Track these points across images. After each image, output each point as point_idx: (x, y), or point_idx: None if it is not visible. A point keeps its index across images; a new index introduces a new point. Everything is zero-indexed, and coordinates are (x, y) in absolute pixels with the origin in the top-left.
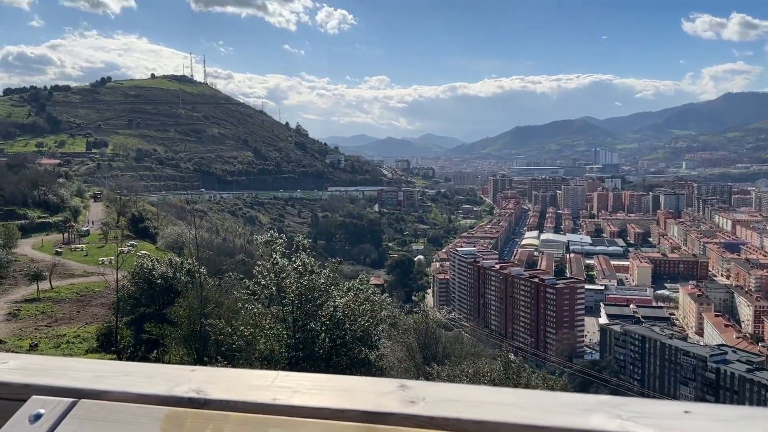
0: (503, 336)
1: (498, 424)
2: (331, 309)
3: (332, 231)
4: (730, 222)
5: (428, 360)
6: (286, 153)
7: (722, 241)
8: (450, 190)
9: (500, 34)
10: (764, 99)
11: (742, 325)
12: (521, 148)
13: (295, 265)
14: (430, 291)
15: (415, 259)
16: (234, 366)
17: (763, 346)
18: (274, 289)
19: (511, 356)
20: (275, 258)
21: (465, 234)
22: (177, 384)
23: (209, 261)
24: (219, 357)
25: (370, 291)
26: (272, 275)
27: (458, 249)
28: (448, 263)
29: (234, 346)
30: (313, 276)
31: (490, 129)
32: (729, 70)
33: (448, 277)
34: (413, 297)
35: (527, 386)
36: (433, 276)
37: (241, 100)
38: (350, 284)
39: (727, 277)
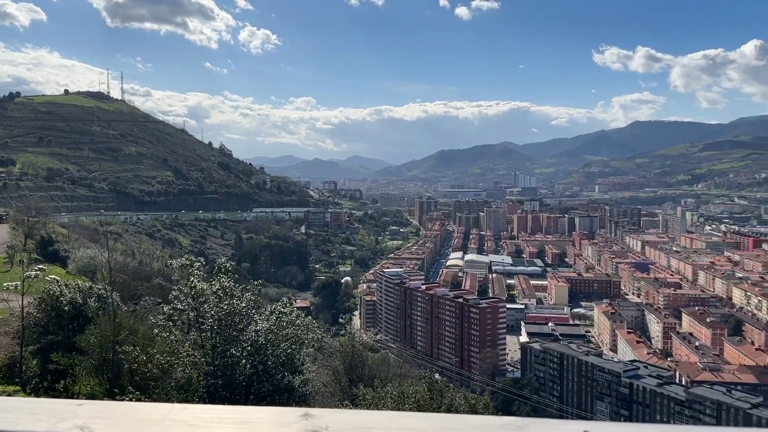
0: (429, 356)
1: None
2: (253, 334)
3: (257, 253)
4: (639, 243)
5: (355, 383)
6: (208, 173)
7: (633, 261)
8: (377, 211)
9: (424, 59)
10: (669, 127)
11: (653, 341)
12: (446, 171)
13: (214, 289)
14: (357, 313)
15: (342, 281)
16: (144, 397)
17: (672, 361)
18: (192, 314)
19: (437, 376)
20: (193, 282)
21: (392, 255)
22: (61, 420)
23: (124, 285)
24: (131, 387)
25: (293, 314)
26: (190, 300)
27: (385, 270)
28: (375, 285)
29: (149, 375)
30: (234, 300)
31: (416, 152)
32: (636, 100)
33: (376, 298)
34: (340, 319)
35: (450, 406)
36: (361, 298)
37: (161, 118)
38: (273, 308)
39: (638, 296)
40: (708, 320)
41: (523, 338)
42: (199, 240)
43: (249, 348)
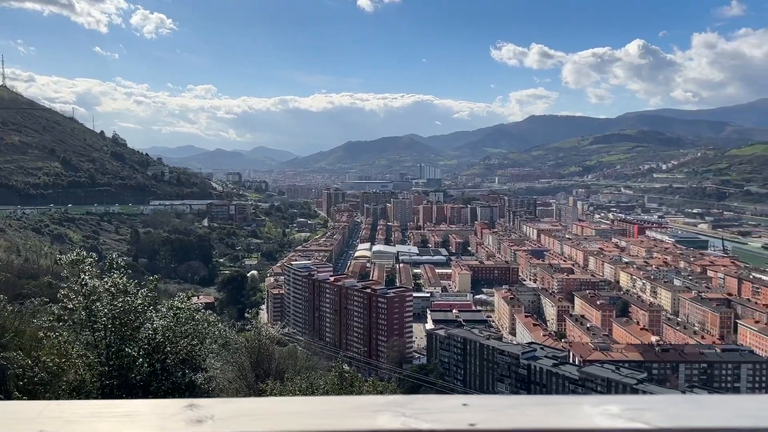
0: (338, 347)
1: None
2: (150, 331)
3: (156, 248)
4: (535, 231)
5: (262, 378)
6: (101, 164)
7: (529, 248)
8: (284, 203)
9: (328, 49)
10: (562, 121)
11: (548, 323)
12: (353, 162)
13: (107, 286)
14: (264, 307)
15: (248, 274)
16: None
17: (566, 342)
18: (83, 313)
19: (346, 366)
20: (84, 279)
21: (300, 248)
22: None
23: (7, 284)
24: (18, 393)
25: (193, 310)
26: (81, 298)
27: (293, 263)
28: (282, 278)
29: (36, 379)
30: (129, 297)
31: (323, 143)
32: (532, 95)
33: (283, 291)
34: (246, 314)
35: (359, 395)
36: (268, 291)
37: (47, 106)
38: (170, 303)
39: (535, 281)
40: (598, 303)
41: (429, 325)
42: (91, 235)
43: (146, 346)
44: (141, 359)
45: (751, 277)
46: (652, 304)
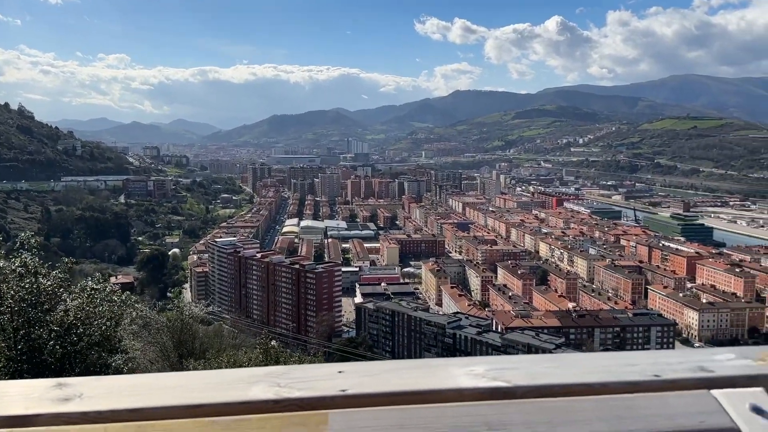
0: (265, 324)
1: (159, 408)
2: (62, 313)
3: (69, 226)
4: (461, 204)
5: (185, 357)
6: (6, 138)
7: (455, 221)
8: (207, 178)
9: (250, 17)
10: (486, 96)
11: (473, 293)
12: (279, 136)
13: (14, 267)
14: (188, 286)
15: (170, 253)
16: None
17: (489, 311)
18: None
19: (273, 343)
20: None
21: (224, 224)
22: None
23: None
24: None
25: (108, 290)
26: None
27: (217, 240)
28: (207, 255)
29: None
30: (39, 278)
31: (246, 117)
32: (456, 70)
33: (208, 269)
34: (169, 293)
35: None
36: (191, 270)
37: None
38: (83, 284)
39: (460, 253)
40: (519, 272)
41: (358, 299)
42: None
43: (57, 329)
44: (52, 342)
45: (660, 245)
46: (569, 273)
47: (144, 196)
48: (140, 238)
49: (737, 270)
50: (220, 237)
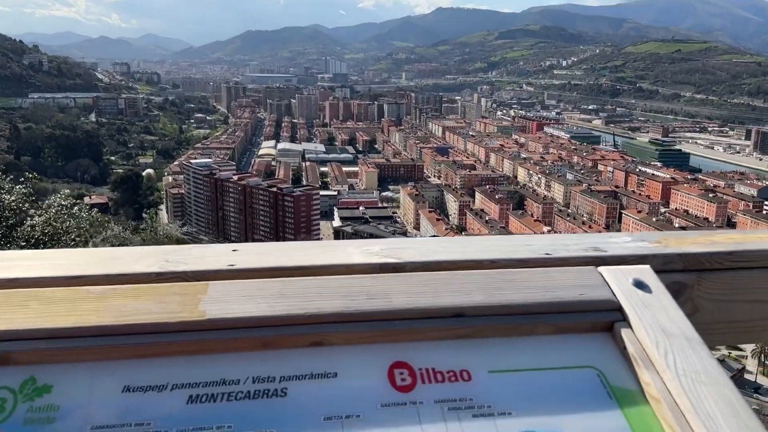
0: None
1: (35, 278)
2: (29, 229)
3: (40, 145)
4: (441, 128)
5: None
6: None
7: (434, 145)
8: (179, 97)
9: None
10: (468, 14)
11: (450, 218)
12: (253, 53)
13: None
14: (163, 207)
15: (144, 173)
16: None
17: (465, 234)
18: None
19: None
20: None
21: (199, 145)
22: None
23: None
24: None
25: (75, 208)
26: None
27: (192, 161)
28: (182, 176)
29: None
30: (3, 194)
31: (219, 32)
32: None
33: (183, 191)
34: (144, 214)
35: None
36: (167, 191)
37: None
38: (51, 200)
39: (439, 178)
40: (496, 197)
41: (336, 223)
42: None
43: (24, 244)
44: None
45: (637, 170)
46: (546, 197)
47: (115, 115)
48: (113, 158)
49: (710, 195)
50: (195, 158)
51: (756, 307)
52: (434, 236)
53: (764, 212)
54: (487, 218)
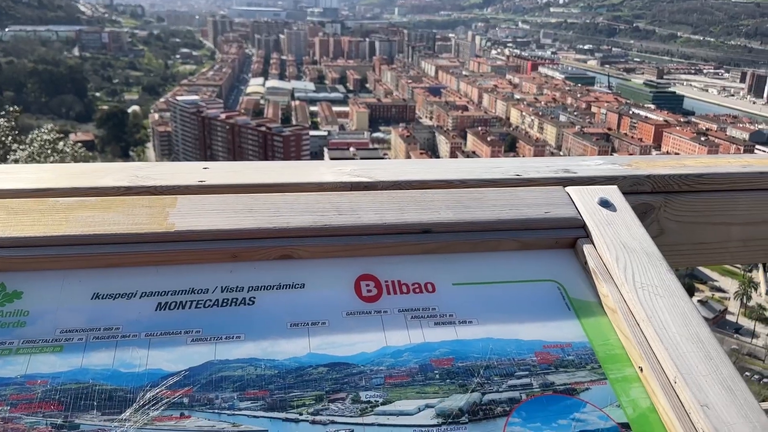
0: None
1: (4, 190)
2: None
3: (22, 80)
4: (434, 67)
5: None
6: None
7: (427, 85)
8: (164, 31)
9: None
10: None
11: None
12: None
13: None
14: (150, 144)
15: (130, 110)
16: None
17: None
18: None
19: None
20: None
21: (185, 81)
22: None
23: None
24: None
25: (60, 143)
26: None
27: (179, 98)
28: (168, 114)
29: None
30: None
31: None
32: None
33: (170, 129)
34: (131, 152)
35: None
36: (153, 128)
37: None
38: (35, 135)
39: (431, 119)
40: (488, 139)
41: None
42: None
43: None
44: None
45: (630, 112)
46: (538, 140)
47: (99, 49)
48: (98, 94)
49: (702, 139)
50: (182, 95)
51: (720, 230)
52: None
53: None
54: None
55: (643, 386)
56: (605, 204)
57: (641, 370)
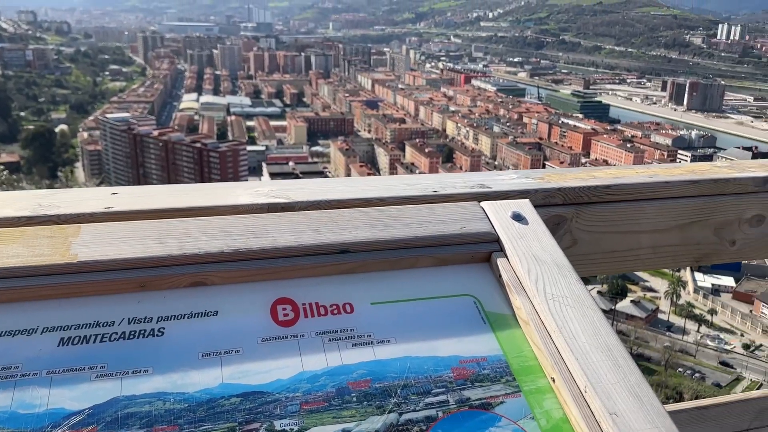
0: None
1: None
2: None
3: None
4: (370, 81)
5: None
6: None
7: (364, 99)
8: (92, 48)
9: None
10: None
11: (381, 172)
12: (171, 1)
13: None
14: (79, 164)
15: (57, 129)
16: None
17: None
18: None
19: None
20: None
21: (115, 99)
22: None
23: None
24: None
25: None
26: None
27: (109, 116)
28: (98, 132)
29: None
30: None
31: None
32: None
33: (100, 147)
34: (59, 173)
35: None
36: (82, 147)
37: None
38: None
39: (369, 131)
40: (426, 150)
41: (265, 178)
42: None
43: None
44: None
45: (560, 122)
46: (474, 150)
47: (23, 67)
48: (23, 114)
49: (628, 145)
50: (112, 113)
51: (629, 238)
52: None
53: (678, 161)
54: (417, 172)
55: (555, 397)
56: (518, 218)
57: (553, 380)
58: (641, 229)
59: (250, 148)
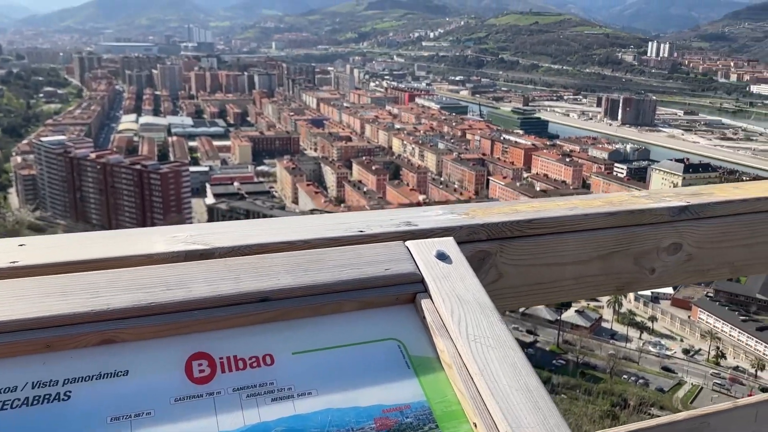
0: (107, 228)
1: None
2: None
3: None
4: (315, 100)
5: None
6: None
7: (309, 117)
8: (25, 69)
9: None
10: None
11: (329, 190)
12: (108, 21)
13: None
14: (13, 190)
15: None
16: None
17: (344, 206)
18: None
19: None
20: None
21: (50, 121)
22: None
23: None
24: None
25: None
26: None
27: (43, 139)
28: (32, 156)
29: None
30: None
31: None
32: None
33: (35, 172)
34: None
35: None
36: (16, 172)
37: None
38: None
39: (315, 150)
40: (373, 168)
41: (210, 200)
42: None
43: None
44: None
45: (501, 138)
46: (420, 167)
47: None
48: None
49: (567, 160)
50: (47, 136)
51: (552, 270)
52: (313, 210)
53: (614, 173)
54: (365, 189)
55: None
56: (442, 257)
57: (475, 426)
58: (564, 260)
59: (193, 168)
